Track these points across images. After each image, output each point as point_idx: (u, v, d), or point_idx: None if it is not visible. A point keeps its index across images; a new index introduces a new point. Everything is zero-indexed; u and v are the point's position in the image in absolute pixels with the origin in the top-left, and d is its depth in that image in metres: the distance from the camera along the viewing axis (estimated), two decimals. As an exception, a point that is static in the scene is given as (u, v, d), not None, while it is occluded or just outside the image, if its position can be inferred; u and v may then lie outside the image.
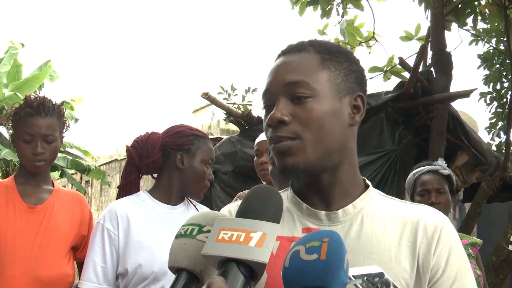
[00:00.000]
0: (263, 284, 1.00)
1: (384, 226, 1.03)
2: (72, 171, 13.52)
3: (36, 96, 2.16)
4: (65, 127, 2.24)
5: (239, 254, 0.75)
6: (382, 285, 0.87)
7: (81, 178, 18.38)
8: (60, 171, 12.86)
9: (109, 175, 16.45)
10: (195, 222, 0.90)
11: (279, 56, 1.10)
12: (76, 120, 12.48)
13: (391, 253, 0.99)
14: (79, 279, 2.05)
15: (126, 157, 2.19)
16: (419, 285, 0.99)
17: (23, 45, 12.56)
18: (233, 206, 1.17)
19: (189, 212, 2.14)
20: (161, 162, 2.11)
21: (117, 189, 2.20)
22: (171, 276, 1.94)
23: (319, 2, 5.74)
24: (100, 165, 17.91)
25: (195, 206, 2.20)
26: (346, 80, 1.05)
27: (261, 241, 0.76)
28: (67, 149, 12.83)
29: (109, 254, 1.98)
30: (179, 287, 0.84)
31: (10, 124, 2.15)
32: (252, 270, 0.76)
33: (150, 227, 2.01)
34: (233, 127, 7.70)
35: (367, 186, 1.11)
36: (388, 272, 0.96)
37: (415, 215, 1.04)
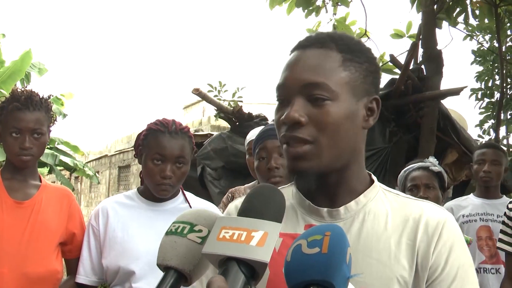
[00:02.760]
0: (266, 281, 0.99)
1: (386, 223, 1.02)
2: (61, 167, 13.38)
3: (23, 90, 2.12)
4: (53, 121, 2.19)
5: (240, 253, 0.74)
6: None
7: (70, 174, 18.26)
8: (49, 167, 12.73)
9: (98, 171, 16.36)
10: (187, 220, 0.87)
11: (297, 48, 1.05)
12: (65, 115, 12.33)
13: (391, 251, 0.98)
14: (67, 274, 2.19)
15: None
16: (417, 283, 0.97)
17: (3, 35, 12.32)
18: (240, 202, 1.16)
19: (180, 209, 2.09)
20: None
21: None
22: (141, 271, 1.94)
23: (300, 3, 5.71)
24: (89, 161, 17.81)
25: (189, 203, 2.14)
26: (365, 82, 1.03)
27: (262, 240, 0.74)
28: (56, 145, 12.68)
29: (94, 249, 2.08)
30: (166, 285, 0.81)
31: None
32: (253, 269, 0.74)
33: (127, 224, 2.04)
34: (223, 123, 7.68)
35: (372, 182, 1.10)
36: (386, 270, 0.96)
37: (418, 211, 1.02)
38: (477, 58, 8.72)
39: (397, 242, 0.99)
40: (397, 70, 5.24)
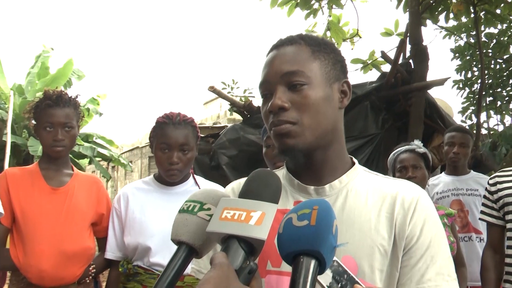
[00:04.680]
0: None
1: (366, 199, 1.02)
2: (99, 158, 13.56)
3: (54, 90, 2.16)
4: (81, 117, 2.23)
5: (240, 232, 0.72)
6: (347, 282, 0.86)
7: (108, 164, 18.43)
8: (89, 159, 12.89)
9: (131, 161, 16.49)
10: (197, 199, 0.86)
11: (271, 49, 1.07)
12: (101, 114, 12.45)
13: (371, 223, 0.99)
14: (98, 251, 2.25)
15: (146, 144, 2.20)
16: (395, 251, 0.98)
17: (52, 48, 12.48)
18: (236, 184, 1.17)
19: (190, 191, 2.08)
20: None
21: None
22: (156, 247, 1.94)
23: (301, 5, 5.66)
24: (123, 152, 17.95)
25: (198, 185, 2.14)
26: (334, 69, 1.05)
27: (260, 220, 0.73)
28: (94, 139, 12.82)
29: (118, 228, 2.12)
30: (179, 258, 0.81)
31: (32, 116, 2.14)
32: (252, 246, 0.73)
33: (144, 206, 2.06)
34: (238, 116, 7.68)
35: (353, 164, 1.10)
36: (367, 240, 0.97)
37: (394, 189, 1.03)
38: (456, 54, 8.70)
39: (376, 215, 1.00)
40: (386, 66, 5.18)
